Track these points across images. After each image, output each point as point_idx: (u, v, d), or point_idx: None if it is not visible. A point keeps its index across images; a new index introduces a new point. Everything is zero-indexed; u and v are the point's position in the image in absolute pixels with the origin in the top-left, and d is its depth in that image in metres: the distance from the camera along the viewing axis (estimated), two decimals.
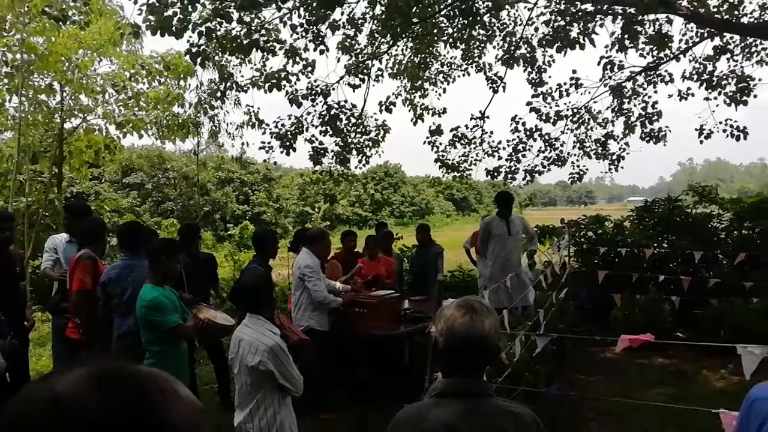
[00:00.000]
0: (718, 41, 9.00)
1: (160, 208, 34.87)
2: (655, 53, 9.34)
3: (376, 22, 9.05)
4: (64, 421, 0.57)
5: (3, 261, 4.50)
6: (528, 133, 9.93)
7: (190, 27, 6.73)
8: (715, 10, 8.43)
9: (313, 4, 7.55)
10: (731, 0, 8.44)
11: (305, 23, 8.00)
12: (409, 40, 9.71)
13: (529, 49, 9.41)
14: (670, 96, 9.64)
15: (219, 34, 7.20)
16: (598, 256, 8.32)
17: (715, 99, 9.00)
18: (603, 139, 10.18)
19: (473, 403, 1.71)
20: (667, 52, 9.17)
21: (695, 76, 9.25)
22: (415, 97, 10.61)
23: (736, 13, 8.54)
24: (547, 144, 10.07)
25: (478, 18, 8.73)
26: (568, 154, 10.21)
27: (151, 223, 25.58)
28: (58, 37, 8.58)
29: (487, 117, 10.01)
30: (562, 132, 10.02)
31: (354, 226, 38.54)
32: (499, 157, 10.15)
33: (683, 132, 11.65)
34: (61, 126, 9.91)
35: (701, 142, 9.37)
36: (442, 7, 8.69)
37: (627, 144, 10.13)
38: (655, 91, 9.65)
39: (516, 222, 7.01)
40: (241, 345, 3.27)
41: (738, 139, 9.01)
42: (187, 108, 10.40)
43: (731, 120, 9.03)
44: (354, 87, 9.60)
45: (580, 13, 8.00)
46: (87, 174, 13.76)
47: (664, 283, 6.85)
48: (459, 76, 10.74)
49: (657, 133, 9.74)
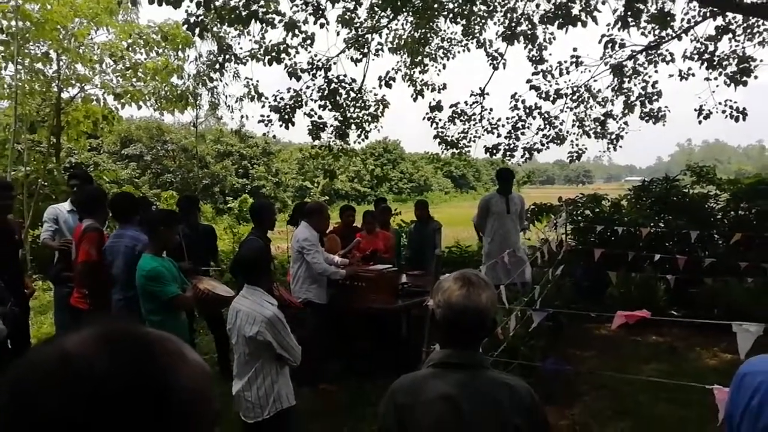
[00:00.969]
0: (720, 21, 8.92)
1: (160, 180, 34.72)
2: (656, 32, 9.27)
3: None
4: (72, 380, 0.57)
5: (2, 230, 4.50)
6: (527, 110, 9.90)
7: None
8: None
9: None
10: None
11: None
12: (410, 14, 9.59)
13: (530, 25, 9.33)
14: (671, 76, 9.60)
15: (217, 4, 7.12)
16: (595, 235, 8.35)
17: (715, 79, 8.99)
18: (602, 118, 10.16)
19: (469, 375, 1.75)
20: (669, 31, 9.11)
21: (696, 56, 9.20)
22: (414, 72, 10.55)
23: None
24: (546, 122, 10.05)
25: None
26: (567, 132, 10.21)
27: (150, 194, 25.50)
28: (54, 4, 8.47)
29: (487, 94, 9.97)
30: (562, 110, 10.02)
31: (353, 201, 38.52)
32: (498, 135, 10.15)
33: (682, 112, 11.64)
34: (58, 95, 9.84)
35: (700, 123, 9.35)
36: None
37: (626, 123, 10.12)
38: (656, 71, 9.63)
39: (516, 200, 7.02)
40: (239, 316, 3.30)
41: (737, 120, 8.99)
42: (185, 80, 10.33)
43: (730, 101, 9.04)
44: (356, 61, 9.53)
45: None
46: (85, 144, 13.71)
47: (660, 262, 6.89)
48: (459, 52, 10.67)
49: (656, 113, 9.73)
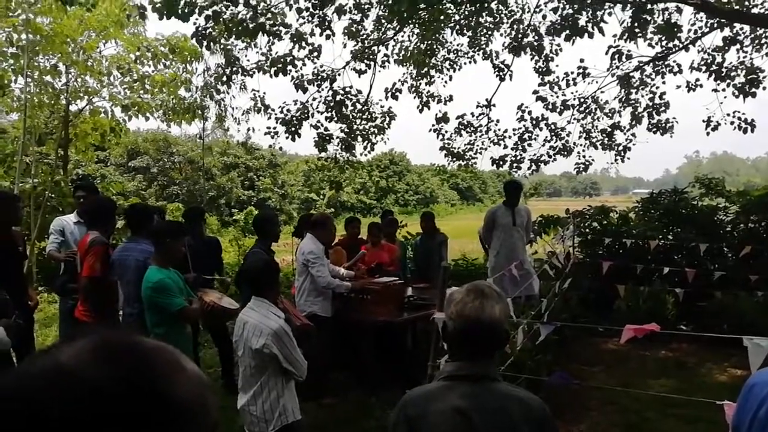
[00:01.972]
0: (727, 32, 8.91)
1: (166, 192, 34.90)
2: (663, 43, 9.26)
3: (382, 7, 8.98)
4: (67, 390, 0.56)
5: (6, 242, 4.50)
6: (534, 122, 9.89)
7: (197, 10, 6.71)
8: (725, 0, 8.34)
9: None
10: None
11: (311, 7, 7.95)
12: (416, 26, 9.64)
13: (536, 37, 9.33)
14: (678, 87, 9.57)
15: (225, 17, 7.17)
16: (603, 247, 8.30)
17: (723, 91, 8.92)
18: (609, 129, 10.13)
19: (481, 387, 1.72)
20: (676, 42, 9.10)
21: (704, 67, 9.16)
22: (421, 84, 10.55)
23: (746, 3, 8.45)
24: (553, 133, 10.02)
25: (486, 4, 8.67)
26: (574, 143, 10.17)
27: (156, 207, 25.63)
28: (65, 18, 8.55)
29: (494, 105, 9.97)
30: (569, 122, 9.99)
31: (359, 213, 38.55)
32: (505, 146, 10.14)
33: (690, 124, 11.59)
34: (66, 108, 9.91)
35: (708, 134, 9.31)
36: None
37: (634, 135, 10.09)
38: (663, 82, 9.60)
39: (522, 212, 6.99)
40: (246, 327, 3.27)
41: (745, 131, 8.95)
42: (193, 92, 10.39)
43: (739, 112, 8.98)
44: (360, 73, 9.56)
45: (589, 1, 7.92)
46: (93, 156, 13.77)
47: (669, 275, 6.85)
48: (465, 64, 10.69)
49: (664, 125, 9.70)
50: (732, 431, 1.48)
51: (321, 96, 9.49)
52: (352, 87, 9.68)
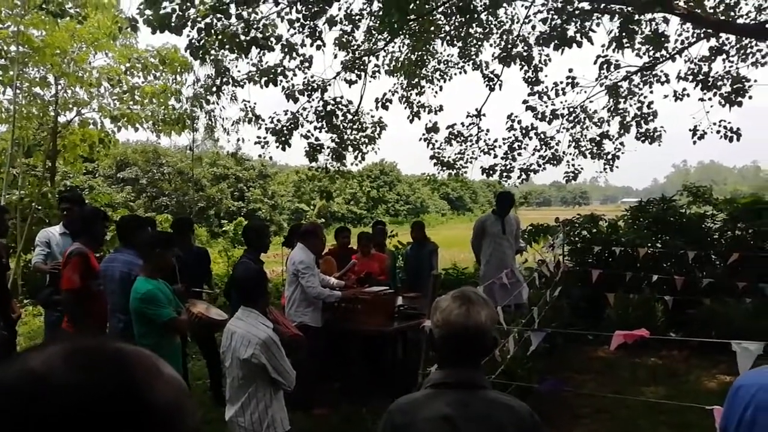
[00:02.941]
0: (714, 42, 9.02)
1: (155, 203, 34.74)
2: (651, 53, 9.36)
3: (373, 18, 9.04)
4: (39, 398, 0.55)
5: None
6: (524, 131, 9.94)
7: (189, 23, 6.71)
8: (711, 10, 8.44)
9: (311, 0, 7.54)
10: (728, 0, 8.47)
11: (302, 18, 7.98)
12: (406, 37, 9.70)
13: (525, 47, 9.41)
14: (666, 96, 9.66)
15: (217, 29, 7.18)
16: (593, 255, 8.32)
17: (709, 100, 9.02)
18: (598, 138, 10.20)
19: (468, 395, 1.70)
20: (663, 52, 9.21)
21: (691, 77, 9.26)
22: (411, 94, 10.61)
23: (732, 13, 8.57)
24: (542, 143, 10.08)
25: (476, 15, 8.73)
26: (564, 153, 10.24)
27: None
28: (55, 30, 8.54)
29: (483, 115, 10.02)
30: (558, 131, 10.06)
31: (349, 223, 38.55)
32: (495, 156, 10.18)
33: (678, 133, 11.70)
34: (55, 119, 9.87)
35: (695, 143, 9.41)
36: (439, 4, 8.69)
37: (622, 144, 10.17)
38: (651, 91, 9.70)
39: (511, 221, 7.01)
40: (234, 338, 3.25)
41: (731, 140, 9.03)
42: (183, 102, 10.38)
43: (725, 121, 9.08)
44: (351, 83, 9.60)
45: (578, 11, 8.00)
46: (81, 168, 13.70)
47: (658, 283, 6.87)
48: (456, 74, 10.76)
49: (652, 134, 9.79)
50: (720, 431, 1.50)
51: (311, 106, 9.51)
52: (342, 97, 9.73)
